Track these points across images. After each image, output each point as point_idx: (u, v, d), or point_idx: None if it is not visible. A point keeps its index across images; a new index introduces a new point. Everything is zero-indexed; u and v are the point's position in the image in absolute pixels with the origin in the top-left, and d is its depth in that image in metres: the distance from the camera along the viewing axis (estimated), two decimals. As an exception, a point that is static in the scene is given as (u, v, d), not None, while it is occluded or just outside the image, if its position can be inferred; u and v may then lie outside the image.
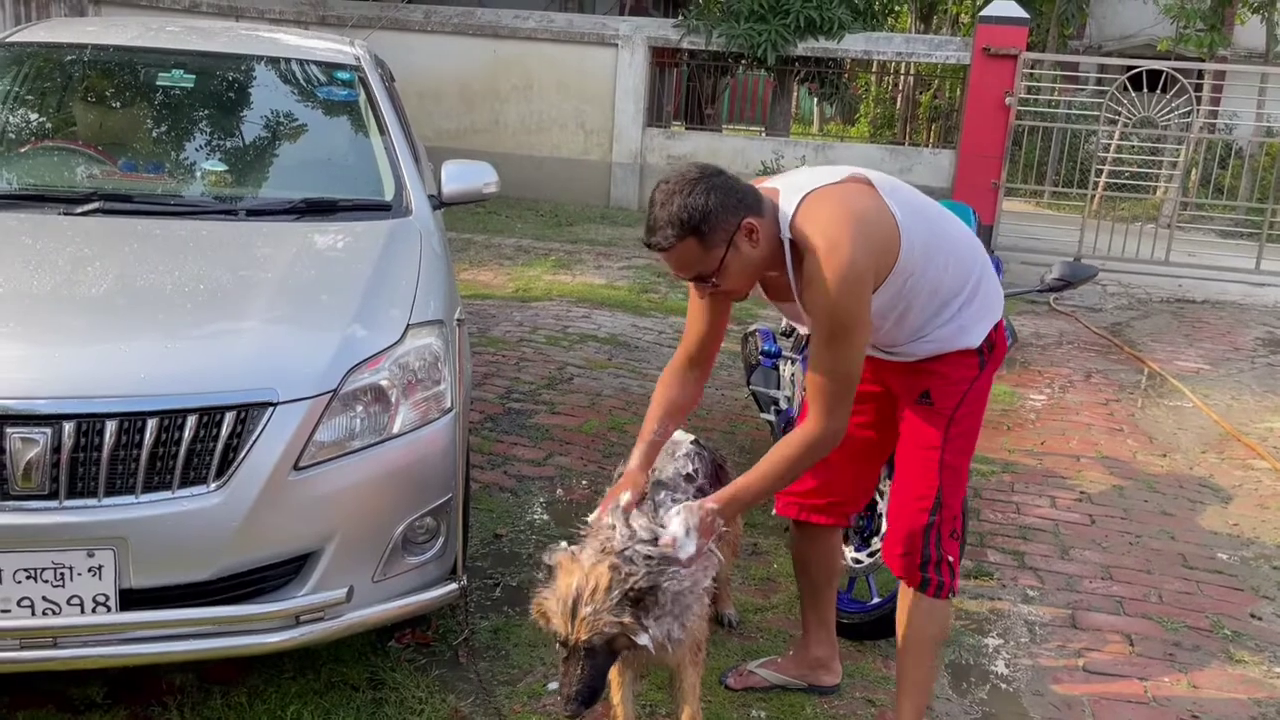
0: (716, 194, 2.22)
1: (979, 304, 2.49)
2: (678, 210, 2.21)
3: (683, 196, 2.21)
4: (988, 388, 2.59)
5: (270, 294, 2.83)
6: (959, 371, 2.50)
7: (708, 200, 2.20)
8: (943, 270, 2.41)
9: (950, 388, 2.50)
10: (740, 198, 2.26)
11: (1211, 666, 3.31)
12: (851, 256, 2.22)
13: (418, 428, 2.69)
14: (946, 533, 2.54)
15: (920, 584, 2.55)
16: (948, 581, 2.56)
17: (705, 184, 2.22)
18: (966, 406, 2.52)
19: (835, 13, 11.18)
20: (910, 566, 2.55)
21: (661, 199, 2.24)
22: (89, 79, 3.97)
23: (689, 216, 2.20)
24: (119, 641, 2.37)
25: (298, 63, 4.20)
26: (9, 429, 2.27)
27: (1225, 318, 8.62)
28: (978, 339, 2.49)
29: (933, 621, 2.60)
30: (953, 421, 2.51)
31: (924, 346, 2.49)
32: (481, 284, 7.74)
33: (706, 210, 2.20)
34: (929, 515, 2.51)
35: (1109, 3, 18.84)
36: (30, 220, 3.16)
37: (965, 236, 2.54)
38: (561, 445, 4.67)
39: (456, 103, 12.11)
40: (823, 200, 2.30)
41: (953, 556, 2.56)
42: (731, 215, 2.23)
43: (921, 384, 2.52)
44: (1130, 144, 11.41)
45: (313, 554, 2.51)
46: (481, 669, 2.97)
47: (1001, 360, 2.63)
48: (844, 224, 2.25)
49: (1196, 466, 5.15)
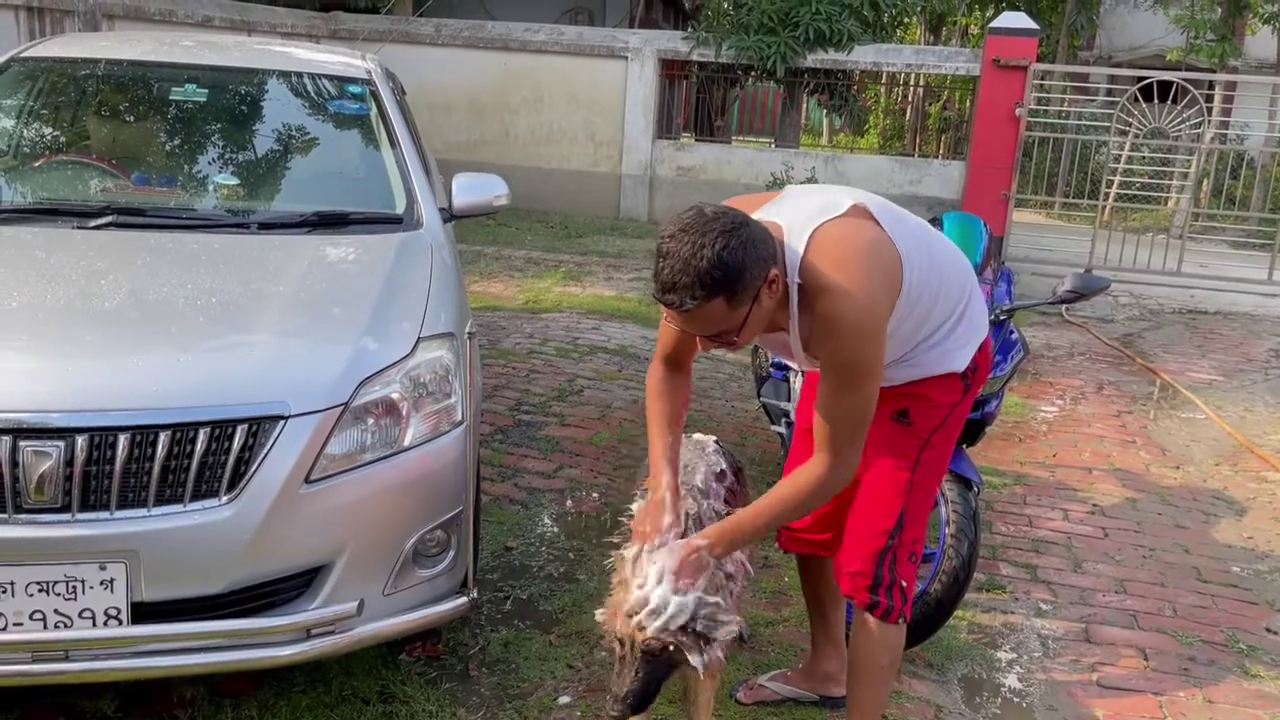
0: (749, 247, 1.98)
1: (964, 327, 2.40)
2: (708, 267, 1.95)
3: (713, 250, 1.95)
4: (967, 413, 2.51)
5: (282, 307, 2.83)
6: (942, 396, 2.42)
7: (743, 255, 1.97)
8: (934, 298, 2.32)
9: (931, 410, 2.42)
10: (767, 247, 2.04)
11: (1227, 681, 3.28)
12: (870, 303, 2.11)
13: (429, 440, 2.69)
14: (904, 556, 2.44)
15: (868, 606, 2.44)
16: (898, 606, 2.44)
17: (738, 236, 1.97)
18: (944, 431, 2.45)
19: (845, 25, 11.20)
20: (859, 587, 2.44)
21: (684, 251, 1.96)
22: (102, 93, 4.00)
23: (723, 275, 1.96)
24: (130, 655, 2.37)
25: (309, 77, 4.22)
26: (22, 442, 2.28)
27: (1238, 329, 8.58)
28: (963, 363, 2.41)
29: (883, 649, 2.48)
30: (928, 445, 2.43)
31: (908, 371, 2.40)
32: (492, 296, 7.76)
33: (742, 267, 1.97)
34: (887, 538, 2.41)
35: (1119, 14, 18.84)
36: (44, 234, 3.18)
37: (956, 260, 2.44)
38: (572, 457, 4.66)
39: (467, 115, 12.15)
40: (833, 239, 2.14)
41: (906, 581, 2.45)
42: (760, 269, 2.01)
43: (901, 404, 2.42)
44: (1141, 155, 11.39)
45: (324, 567, 2.51)
46: (492, 682, 2.96)
47: (984, 383, 2.55)
48: (859, 268, 2.11)
49: (1210, 479, 5.11)
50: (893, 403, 2.39)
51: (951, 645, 3.34)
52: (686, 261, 1.95)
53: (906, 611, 2.48)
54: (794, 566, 3.59)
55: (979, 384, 2.49)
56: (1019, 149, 10.51)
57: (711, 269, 1.95)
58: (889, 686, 2.60)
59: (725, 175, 11.86)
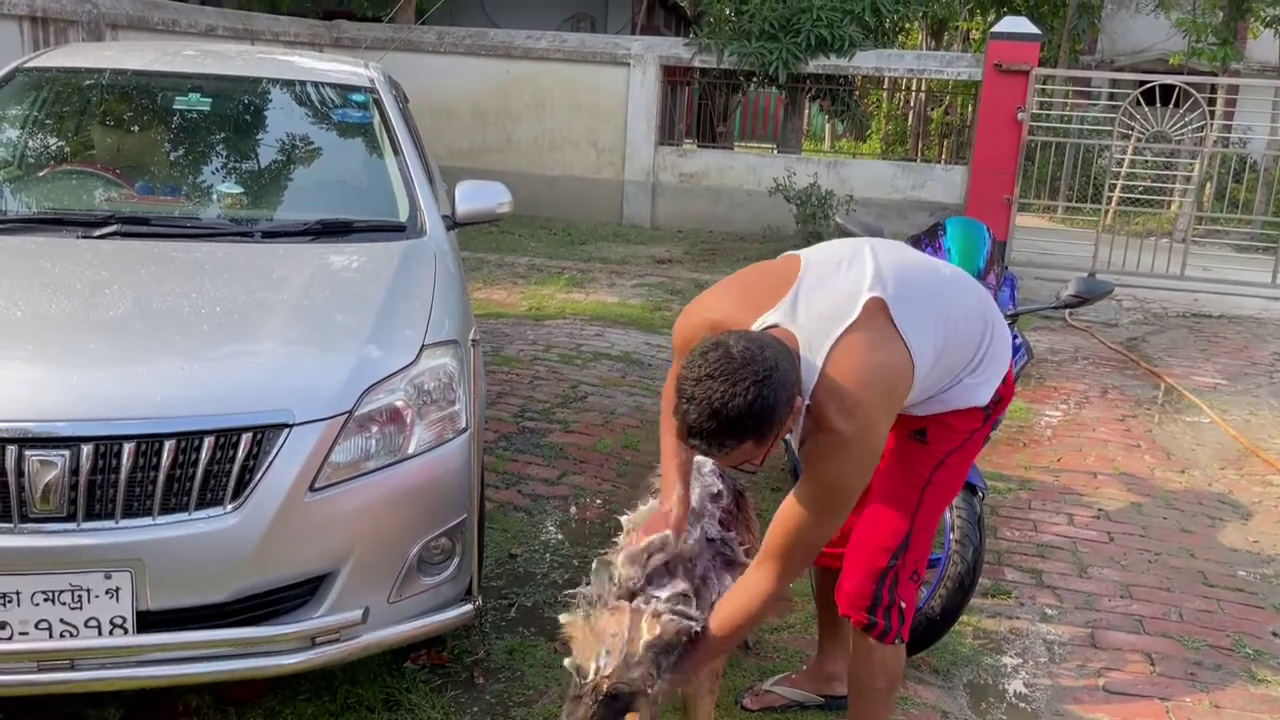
0: (780, 392, 1.95)
1: (985, 367, 2.36)
2: (738, 417, 1.92)
3: (745, 400, 1.91)
4: (985, 438, 2.48)
5: (286, 315, 2.84)
6: (962, 423, 2.39)
7: (774, 402, 1.94)
8: (953, 356, 2.28)
9: (949, 434, 2.39)
10: (793, 382, 2.01)
11: (1234, 686, 3.27)
12: (870, 445, 2.11)
13: (433, 448, 2.69)
14: (905, 576, 2.40)
15: (865, 626, 2.41)
16: (895, 627, 2.40)
17: (770, 385, 1.94)
18: (960, 454, 2.41)
19: (846, 31, 11.21)
20: (857, 607, 2.41)
21: (714, 399, 1.92)
22: (107, 103, 4.01)
23: (754, 425, 1.95)
24: (136, 664, 2.37)
25: (312, 85, 4.24)
26: (28, 451, 2.28)
27: (1242, 332, 8.57)
28: (985, 398, 2.37)
29: (879, 672, 2.45)
30: (942, 465, 2.39)
31: (929, 406, 2.35)
32: (495, 303, 7.77)
33: (773, 415, 1.95)
34: (890, 557, 2.37)
35: (1120, 18, 18.84)
36: (49, 243, 3.19)
37: (972, 307, 2.36)
38: (576, 464, 4.66)
39: (469, 122, 12.17)
40: (845, 368, 2.08)
41: (905, 602, 2.41)
42: (788, 408, 1.99)
43: (919, 424, 2.39)
44: (1144, 158, 11.38)
45: (328, 575, 2.52)
46: (497, 690, 2.96)
47: (1005, 410, 2.52)
48: (869, 404, 2.08)
49: (1215, 483, 5.11)
50: (911, 423, 2.37)
51: (957, 651, 3.34)
52: (716, 411, 1.93)
53: (904, 632, 2.44)
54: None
55: (1001, 411, 2.45)
56: (1021, 153, 10.51)
57: (742, 419, 1.93)
58: (890, 708, 2.55)
59: (727, 181, 11.87)
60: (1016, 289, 4.11)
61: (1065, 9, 17.29)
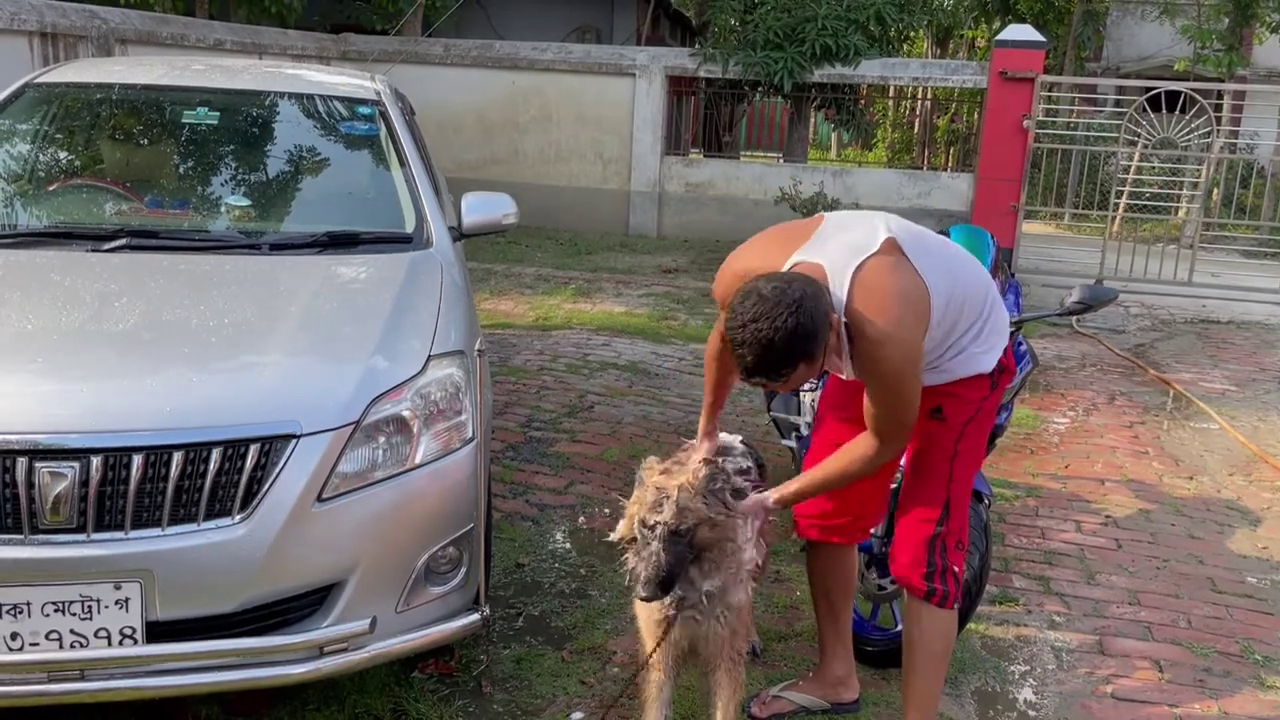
0: (815, 313, 2.20)
1: (988, 334, 2.58)
2: (785, 345, 2.18)
3: (786, 329, 2.17)
4: (998, 403, 2.71)
5: (293, 327, 2.86)
6: (972, 392, 2.61)
7: (811, 322, 2.19)
8: (958, 314, 2.50)
9: (962, 405, 2.61)
10: (824, 302, 2.25)
11: (1243, 692, 3.26)
12: (906, 344, 2.32)
13: (440, 458, 2.71)
14: (952, 544, 2.63)
15: (926, 594, 2.63)
16: (953, 591, 2.63)
17: (803, 308, 2.19)
18: (976, 423, 2.63)
19: (851, 40, 11.23)
20: (917, 575, 2.63)
21: (762, 338, 2.18)
22: (116, 118, 4.04)
23: (801, 348, 2.20)
24: (145, 674, 2.39)
25: (320, 98, 4.27)
26: (38, 463, 2.30)
27: (1250, 338, 8.55)
28: (989, 366, 2.58)
29: (937, 635, 2.67)
30: (962, 436, 2.61)
31: (938, 376, 2.56)
32: (502, 313, 7.79)
33: (814, 333, 2.21)
34: (936, 525, 2.61)
35: (1125, 25, 18.84)
36: (59, 257, 3.21)
37: (977, 275, 2.61)
38: (582, 473, 4.67)
39: (476, 134, 12.22)
40: (869, 286, 2.33)
41: (958, 567, 2.65)
42: (826, 323, 2.24)
43: (935, 401, 2.59)
44: (1150, 165, 11.36)
45: (336, 585, 2.53)
46: (504, 699, 2.97)
47: (1011, 378, 2.73)
48: (895, 312, 2.32)
49: (1224, 489, 5.09)
50: (928, 401, 2.55)
51: (964, 658, 3.33)
52: (765, 347, 2.19)
53: (959, 595, 2.65)
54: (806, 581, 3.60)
55: (1006, 381, 2.67)
56: (1027, 160, 10.51)
57: (790, 346, 2.19)
58: (943, 675, 2.75)
59: (734, 191, 11.89)
60: (1021, 296, 4.11)
61: (1070, 16, 17.28)
